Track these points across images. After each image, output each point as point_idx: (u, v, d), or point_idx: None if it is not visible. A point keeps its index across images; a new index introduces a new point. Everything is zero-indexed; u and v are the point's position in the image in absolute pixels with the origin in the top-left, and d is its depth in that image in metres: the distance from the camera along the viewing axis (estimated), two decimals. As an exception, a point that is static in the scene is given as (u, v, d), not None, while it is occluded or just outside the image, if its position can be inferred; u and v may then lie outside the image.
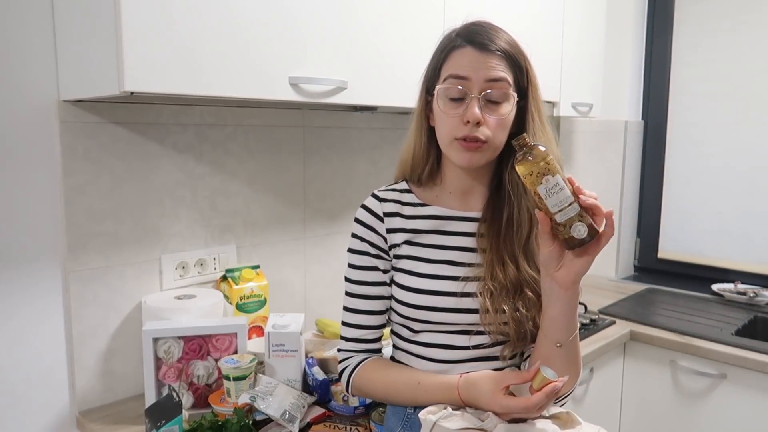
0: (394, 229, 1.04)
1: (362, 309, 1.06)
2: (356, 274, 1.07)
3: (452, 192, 1.06)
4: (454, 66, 0.96)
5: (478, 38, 0.96)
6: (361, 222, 1.07)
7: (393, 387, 1.02)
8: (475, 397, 0.92)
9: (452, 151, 0.98)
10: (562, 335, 0.93)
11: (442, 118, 0.98)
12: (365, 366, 1.06)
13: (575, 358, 0.96)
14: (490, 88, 0.94)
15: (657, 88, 2.55)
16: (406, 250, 1.03)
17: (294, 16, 1.23)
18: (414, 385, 0.99)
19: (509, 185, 1.01)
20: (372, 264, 1.05)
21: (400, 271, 1.04)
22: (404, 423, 1.04)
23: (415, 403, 1.00)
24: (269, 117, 1.58)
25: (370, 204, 1.07)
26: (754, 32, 2.27)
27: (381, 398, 1.07)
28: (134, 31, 1.00)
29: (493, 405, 0.90)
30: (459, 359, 1.01)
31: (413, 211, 1.05)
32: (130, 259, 1.35)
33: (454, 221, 1.04)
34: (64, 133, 1.24)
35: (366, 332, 1.07)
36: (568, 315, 0.92)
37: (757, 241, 2.31)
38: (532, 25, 1.87)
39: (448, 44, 0.99)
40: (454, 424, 0.89)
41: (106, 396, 1.34)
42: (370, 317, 1.06)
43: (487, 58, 0.95)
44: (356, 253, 1.07)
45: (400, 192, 1.08)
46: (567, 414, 0.94)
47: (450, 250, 1.02)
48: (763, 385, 1.69)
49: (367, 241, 1.05)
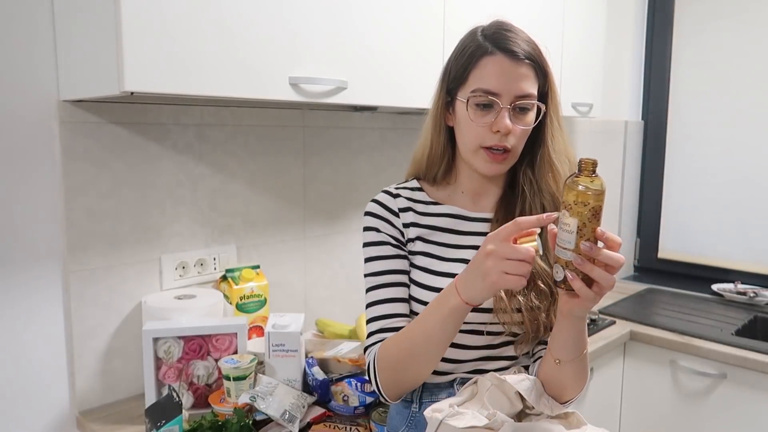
0: (410, 224, 1.04)
1: (386, 298, 1.01)
2: (376, 266, 1.02)
3: (465, 192, 1.06)
4: (484, 77, 0.95)
5: (508, 45, 0.95)
6: (376, 215, 1.04)
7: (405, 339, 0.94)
8: (468, 275, 0.85)
9: (477, 159, 0.98)
10: (561, 354, 0.91)
11: (469, 125, 0.97)
12: (383, 343, 0.98)
13: (578, 375, 0.94)
14: (520, 101, 0.95)
15: (657, 88, 2.55)
16: (420, 246, 1.03)
17: (294, 16, 1.23)
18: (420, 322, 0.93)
19: (524, 184, 1.02)
20: (394, 252, 1.03)
21: (415, 268, 1.03)
22: (409, 422, 1.03)
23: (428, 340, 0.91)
24: (269, 117, 1.58)
25: (383, 199, 1.06)
26: (753, 32, 2.27)
27: (397, 360, 0.95)
28: (134, 31, 1.00)
29: (480, 252, 0.82)
30: (468, 359, 1.00)
31: (425, 209, 1.05)
32: (130, 259, 1.35)
33: (467, 221, 1.05)
34: (64, 133, 1.24)
35: (391, 321, 0.99)
36: (568, 338, 0.90)
37: (757, 241, 2.31)
38: (532, 25, 1.85)
39: (477, 49, 0.97)
40: (461, 422, 0.88)
41: (106, 396, 1.34)
42: (394, 305, 1.00)
43: (517, 68, 0.95)
44: (375, 244, 1.03)
45: (412, 190, 1.08)
46: (573, 414, 0.94)
47: (463, 249, 1.02)
48: (763, 385, 1.69)
49: (384, 232, 1.03)
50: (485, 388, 0.93)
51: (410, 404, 1.03)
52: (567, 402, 0.98)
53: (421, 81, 1.48)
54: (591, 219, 0.77)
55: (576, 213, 0.77)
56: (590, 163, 0.78)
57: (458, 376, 1.01)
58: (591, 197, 0.77)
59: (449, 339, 0.91)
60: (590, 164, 0.78)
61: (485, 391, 0.93)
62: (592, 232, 0.78)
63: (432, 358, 0.93)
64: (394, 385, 0.97)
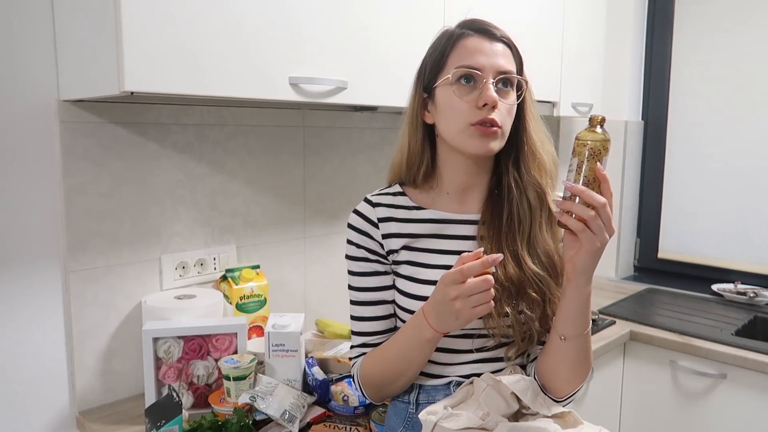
0: (390, 234, 1.02)
1: (366, 316, 1.04)
2: (357, 281, 1.05)
3: (450, 193, 1.04)
4: (463, 55, 0.95)
5: (483, 26, 0.97)
6: (355, 228, 1.04)
7: (386, 361, 1.00)
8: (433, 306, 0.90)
9: (467, 139, 0.95)
10: (566, 329, 0.92)
11: (454, 106, 0.95)
12: (364, 360, 1.04)
13: (584, 357, 0.95)
14: (501, 75, 0.95)
15: (657, 88, 2.55)
16: (405, 255, 1.01)
17: (294, 15, 1.23)
18: (398, 348, 0.98)
19: (511, 181, 1.00)
20: (372, 269, 1.03)
21: (400, 277, 1.02)
22: (406, 422, 1.03)
23: (409, 363, 0.97)
24: (269, 117, 1.58)
25: (363, 210, 1.05)
26: (754, 32, 2.27)
27: (381, 378, 1.02)
28: (134, 31, 1.00)
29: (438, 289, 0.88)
30: (461, 362, 1.00)
31: (408, 215, 1.03)
32: (130, 259, 1.35)
33: (453, 224, 1.02)
34: (64, 133, 1.24)
35: (373, 338, 1.04)
36: (573, 309, 0.91)
37: (757, 241, 2.31)
38: (532, 25, 1.87)
39: (452, 36, 0.98)
40: (455, 424, 0.88)
41: (106, 396, 1.34)
42: (375, 323, 1.04)
43: (495, 45, 0.96)
44: (354, 259, 1.05)
45: (393, 195, 1.06)
46: (569, 414, 0.94)
47: (450, 255, 1.00)
48: (763, 385, 1.69)
49: (363, 247, 1.03)
50: (481, 389, 0.94)
51: (408, 405, 1.04)
52: (566, 397, 0.99)
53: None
54: (589, 158, 0.86)
55: (577, 153, 0.87)
56: (596, 118, 0.87)
57: (454, 378, 1.01)
58: (589, 139, 0.86)
59: (428, 358, 0.97)
60: (596, 119, 0.87)
61: (481, 392, 0.93)
62: (590, 171, 0.85)
63: (413, 374, 1.00)
64: (378, 396, 1.05)
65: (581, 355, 0.95)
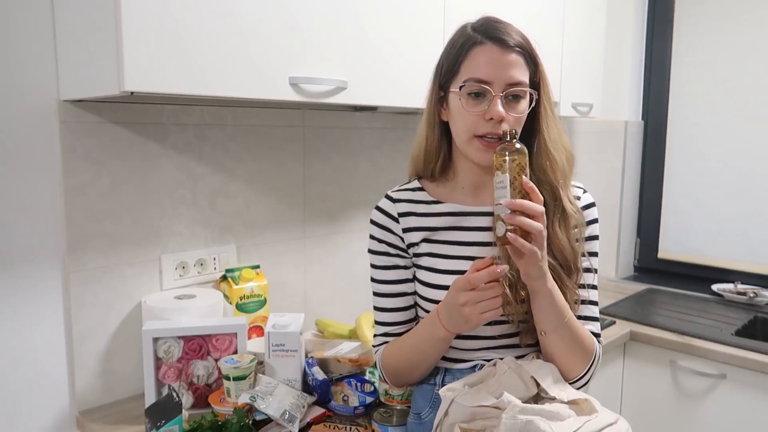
0: (411, 228, 1.08)
1: (388, 307, 1.11)
2: (379, 274, 1.11)
3: (465, 187, 1.08)
4: (475, 66, 0.97)
5: (497, 34, 0.97)
6: (377, 224, 1.10)
7: (403, 355, 1.08)
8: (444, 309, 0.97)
9: (471, 149, 1.00)
10: (543, 325, 0.98)
11: (462, 115, 0.98)
12: (385, 349, 1.11)
13: (572, 343, 0.99)
14: (511, 88, 0.97)
15: (657, 88, 2.55)
16: (425, 247, 1.06)
17: (294, 16, 1.23)
18: (414, 343, 1.06)
19: None
20: (392, 263, 1.09)
21: (421, 269, 1.07)
22: (432, 403, 1.07)
23: (425, 357, 1.05)
24: (269, 117, 1.58)
25: (384, 205, 1.11)
26: (754, 32, 2.27)
27: (399, 368, 1.10)
28: (134, 31, 1.00)
29: (450, 294, 0.95)
30: (483, 347, 1.05)
31: (427, 209, 1.08)
32: (130, 259, 1.35)
33: (470, 217, 1.06)
34: (64, 133, 1.24)
35: (394, 327, 1.11)
36: (544, 308, 0.97)
37: (757, 242, 2.31)
38: (531, 25, 1.84)
39: (467, 40, 0.99)
40: (470, 401, 0.93)
41: (106, 396, 1.34)
42: (396, 314, 1.10)
43: (508, 55, 0.96)
44: (376, 254, 1.11)
45: (413, 191, 1.11)
46: (585, 401, 0.95)
47: (468, 246, 1.04)
48: (763, 385, 1.69)
49: (384, 242, 1.09)
50: (502, 372, 0.98)
51: (434, 387, 1.08)
52: (575, 381, 1.02)
53: (421, 81, 1.47)
54: (519, 173, 0.91)
55: (508, 169, 0.91)
56: (511, 132, 0.92)
57: (479, 362, 1.05)
58: (517, 155, 0.91)
59: (442, 353, 1.05)
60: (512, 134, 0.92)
61: (502, 374, 0.98)
62: (520, 185, 0.91)
63: (428, 367, 1.07)
64: (398, 382, 1.14)
65: (569, 342, 0.99)
